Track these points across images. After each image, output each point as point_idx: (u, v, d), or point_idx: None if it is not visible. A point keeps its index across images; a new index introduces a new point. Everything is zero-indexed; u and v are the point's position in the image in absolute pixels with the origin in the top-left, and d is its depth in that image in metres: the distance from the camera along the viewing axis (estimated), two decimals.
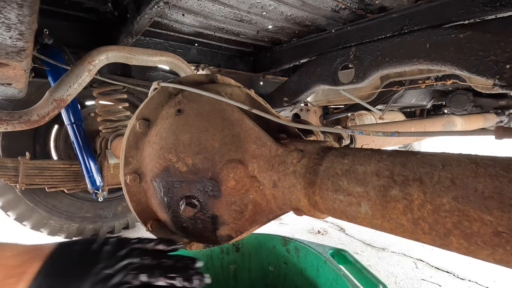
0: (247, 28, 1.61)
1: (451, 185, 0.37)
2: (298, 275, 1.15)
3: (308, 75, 1.69)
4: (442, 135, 0.50)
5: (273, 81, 2.30)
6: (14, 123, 1.19)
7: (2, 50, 0.78)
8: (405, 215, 0.41)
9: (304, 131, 0.84)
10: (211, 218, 0.66)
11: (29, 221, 2.01)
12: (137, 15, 1.15)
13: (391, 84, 2.46)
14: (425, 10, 1.21)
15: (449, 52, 1.10)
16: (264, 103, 0.76)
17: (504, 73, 0.96)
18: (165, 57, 1.45)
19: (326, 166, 0.52)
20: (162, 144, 0.65)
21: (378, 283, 0.90)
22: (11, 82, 1.10)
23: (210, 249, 1.24)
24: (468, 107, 2.85)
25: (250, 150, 0.63)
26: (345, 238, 2.70)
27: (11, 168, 1.78)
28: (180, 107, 0.68)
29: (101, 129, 1.91)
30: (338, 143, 1.28)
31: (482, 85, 2.25)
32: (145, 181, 0.67)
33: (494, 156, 0.38)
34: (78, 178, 1.94)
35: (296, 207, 0.58)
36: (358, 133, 0.59)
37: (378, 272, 2.08)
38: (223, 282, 1.27)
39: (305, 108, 3.23)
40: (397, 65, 1.29)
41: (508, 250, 0.32)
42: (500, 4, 1.00)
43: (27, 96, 1.62)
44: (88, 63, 1.25)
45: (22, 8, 0.61)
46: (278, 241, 1.21)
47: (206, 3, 1.29)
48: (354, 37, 1.48)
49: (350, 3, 1.29)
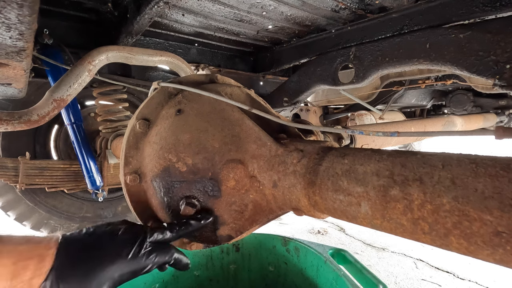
0: (247, 28, 1.61)
1: (451, 185, 0.37)
2: (298, 275, 1.15)
3: (308, 75, 1.69)
4: (442, 135, 0.50)
5: (273, 81, 2.30)
6: (14, 123, 1.18)
7: (2, 50, 0.78)
8: (405, 215, 0.41)
9: (304, 131, 0.84)
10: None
11: (29, 221, 2.01)
12: (137, 15, 1.15)
13: (391, 84, 2.46)
14: (425, 10, 1.21)
15: (449, 52, 1.10)
16: (264, 103, 0.76)
17: (504, 73, 0.96)
18: (165, 57, 1.45)
19: (326, 166, 0.52)
20: (162, 144, 0.65)
21: (378, 283, 0.90)
22: (11, 82, 1.10)
23: (210, 249, 1.24)
24: (468, 107, 2.85)
25: (250, 150, 0.63)
26: (345, 238, 2.70)
27: (11, 168, 1.78)
28: (180, 107, 0.68)
29: (101, 129, 1.91)
30: (338, 143, 1.28)
31: (482, 85, 2.25)
32: (145, 181, 0.67)
33: (494, 156, 0.38)
34: (78, 178, 1.94)
35: (296, 207, 0.58)
36: (358, 133, 0.59)
37: (378, 272, 2.08)
38: (223, 282, 1.27)
39: (305, 108, 3.23)
40: (397, 65, 1.29)
41: (508, 250, 0.32)
42: (500, 4, 1.00)
43: (27, 96, 1.62)
44: (88, 63, 1.25)
45: (22, 8, 0.61)
46: (278, 241, 1.21)
47: (206, 3, 1.29)
48: (354, 37, 1.48)
49: (350, 3, 1.29)
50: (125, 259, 0.50)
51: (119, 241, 0.52)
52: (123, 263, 0.50)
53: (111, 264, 0.49)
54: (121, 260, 0.50)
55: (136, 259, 0.51)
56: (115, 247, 0.51)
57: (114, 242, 0.52)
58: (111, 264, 0.49)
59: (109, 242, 0.51)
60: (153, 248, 0.54)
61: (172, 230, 0.58)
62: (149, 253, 0.53)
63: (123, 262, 0.50)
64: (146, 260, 0.52)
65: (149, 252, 0.53)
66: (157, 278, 1.14)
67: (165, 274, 1.15)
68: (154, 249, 0.54)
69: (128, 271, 0.51)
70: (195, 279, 1.23)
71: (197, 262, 1.23)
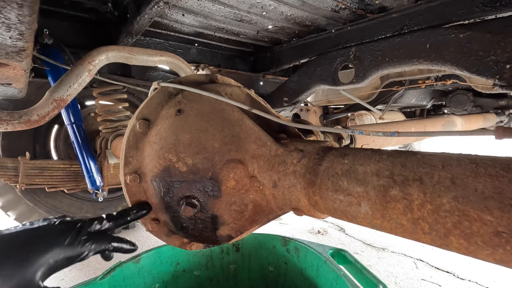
0: (247, 28, 1.61)
1: (451, 185, 0.37)
2: (298, 275, 1.15)
3: (308, 75, 1.69)
4: (442, 135, 0.50)
5: (273, 81, 2.30)
6: (14, 123, 1.19)
7: (2, 50, 0.78)
8: (405, 215, 0.41)
9: (304, 131, 0.84)
10: (211, 218, 0.66)
11: (29, 221, 2.01)
12: (137, 15, 1.15)
13: (391, 84, 2.46)
14: (425, 10, 1.21)
15: (449, 52, 1.10)
16: (264, 103, 0.76)
17: (504, 73, 0.96)
18: (165, 57, 1.45)
19: (326, 166, 0.52)
20: (162, 144, 0.65)
21: (378, 283, 0.90)
22: (11, 82, 1.10)
23: (210, 249, 1.24)
24: (468, 107, 2.85)
25: (250, 150, 0.63)
26: (345, 238, 2.70)
27: (11, 168, 1.78)
28: (180, 107, 0.68)
29: (101, 129, 1.91)
30: (338, 143, 1.28)
31: (482, 85, 2.25)
32: (145, 181, 0.67)
33: (494, 156, 0.38)
34: (78, 178, 1.94)
35: (296, 207, 0.58)
36: (358, 133, 0.59)
37: (378, 272, 2.08)
38: (223, 282, 1.27)
39: (305, 108, 3.23)
40: (397, 65, 1.29)
41: (508, 250, 0.32)
42: (500, 4, 1.00)
43: (27, 96, 1.62)
44: (88, 63, 1.25)
45: (22, 8, 0.61)
46: (278, 241, 1.21)
47: (206, 3, 1.29)
48: (354, 37, 1.48)
49: (350, 3, 1.29)
50: (60, 247, 0.54)
51: (55, 230, 0.55)
52: (58, 249, 0.53)
53: (46, 251, 0.52)
54: (56, 247, 0.53)
55: (72, 246, 0.55)
56: (50, 236, 0.54)
57: (50, 231, 0.55)
58: (47, 250, 0.52)
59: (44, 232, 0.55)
60: (89, 237, 0.57)
61: (110, 220, 0.62)
62: (85, 241, 0.57)
63: (58, 249, 0.53)
64: (82, 247, 0.56)
65: (85, 240, 0.57)
66: (157, 278, 1.14)
67: (165, 274, 1.15)
68: (91, 238, 0.58)
69: (63, 257, 0.54)
70: (195, 279, 1.23)
71: (197, 262, 1.23)
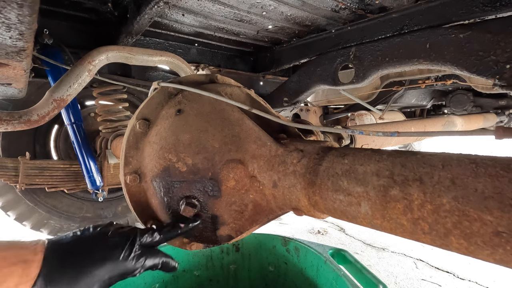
0: (247, 28, 1.61)
1: (451, 185, 0.37)
2: (298, 275, 1.15)
3: (308, 75, 1.69)
4: (442, 135, 0.50)
5: (273, 81, 2.30)
6: (14, 123, 1.18)
7: (2, 50, 0.78)
8: (405, 215, 0.41)
9: (304, 131, 0.84)
10: (211, 218, 0.66)
11: (29, 221, 2.01)
12: (137, 15, 1.15)
13: (391, 84, 2.46)
14: (425, 10, 1.21)
15: (449, 52, 1.10)
16: (264, 103, 0.76)
17: (504, 73, 0.96)
18: (165, 57, 1.45)
19: (326, 166, 0.52)
20: (162, 144, 0.65)
21: (378, 283, 0.90)
22: (11, 82, 1.10)
23: (210, 249, 1.24)
24: (468, 107, 2.85)
25: (250, 150, 0.63)
26: (345, 238, 2.70)
27: (11, 168, 1.78)
28: (180, 107, 0.68)
29: (101, 129, 1.91)
30: (338, 143, 1.28)
31: (482, 85, 2.25)
32: (145, 181, 0.67)
33: (494, 156, 0.38)
34: (78, 178, 1.94)
35: (296, 207, 0.58)
36: (358, 133, 0.59)
37: (378, 272, 2.08)
38: (223, 282, 1.27)
39: (305, 108, 3.23)
40: (397, 65, 1.29)
41: (508, 250, 0.32)
42: (500, 4, 1.00)
43: (27, 96, 1.62)
44: (88, 63, 1.25)
45: (22, 8, 0.61)
46: (278, 241, 1.21)
47: (206, 3, 1.29)
48: (354, 37, 1.48)
49: (350, 3, 1.29)
50: (115, 262, 0.50)
51: (109, 244, 0.51)
52: (113, 265, 0.50)
53: (101, 266, 0.49)
54: (111, 262, 0.50)
55: (126, 262, 0.51)
56: (105, 250, 0.51)
57: (103, 244, 0.51)
58: (101, 266, 0.49)
59: (98, 245, 0.51)
60: (142, 251, 0.54)
61: (161, 233, 0.58)
62: (139, 256, 0.53)
63: (113, 264, 0.50)
64: (136, 263, 0.52)
65: (139, 255, 0.53)
66: (157, 278, 1.14)
67: (165, 274, 1.15)
68: (144, 253, 0.54)
69: (118, 274, 0.51)
70: (195, 279, 1.23)
71: (197, 262, 1.23)
